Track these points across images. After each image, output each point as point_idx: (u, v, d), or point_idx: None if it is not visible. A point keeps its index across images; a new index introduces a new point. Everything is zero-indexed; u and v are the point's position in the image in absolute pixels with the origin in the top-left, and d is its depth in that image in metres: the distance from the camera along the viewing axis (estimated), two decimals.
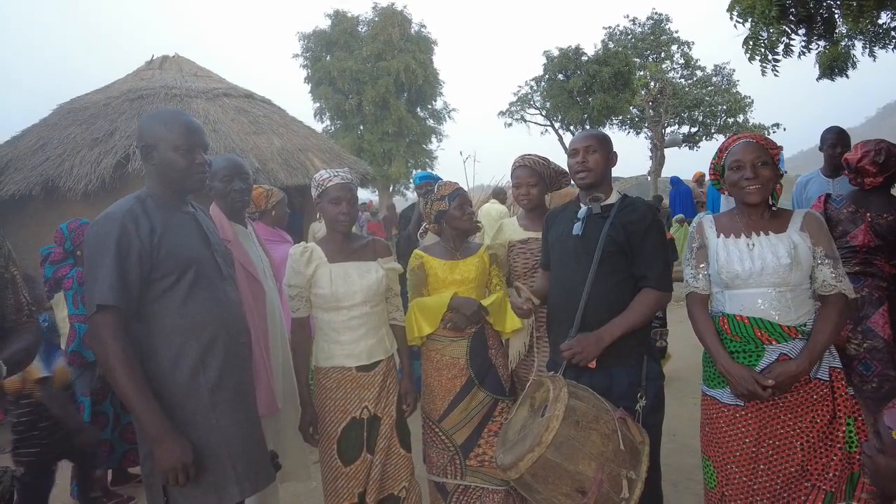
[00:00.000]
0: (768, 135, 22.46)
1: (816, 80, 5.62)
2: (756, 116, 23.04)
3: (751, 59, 4.48)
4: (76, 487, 3.27)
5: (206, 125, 6.40)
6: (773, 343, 1.87)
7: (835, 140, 3.66)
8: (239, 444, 1.83)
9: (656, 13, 24.09)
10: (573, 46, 21.18)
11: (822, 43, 4.83)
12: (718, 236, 2.02)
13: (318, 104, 23.40)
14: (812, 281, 1.91)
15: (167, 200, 1.84)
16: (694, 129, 23.08)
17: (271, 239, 3.52)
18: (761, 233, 1.95)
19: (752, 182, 1.91)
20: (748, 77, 24.96)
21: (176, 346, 1.75)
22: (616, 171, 2.68)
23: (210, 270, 1.86)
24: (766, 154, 1.93)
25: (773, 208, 1.99)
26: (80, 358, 3.28)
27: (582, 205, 2.25)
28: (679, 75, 23.92)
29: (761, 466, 1.88)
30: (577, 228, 2.19)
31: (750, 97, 22.78)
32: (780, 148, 2.00)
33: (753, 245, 1.93)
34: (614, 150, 2.28)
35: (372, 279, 2.38)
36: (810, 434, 1.86)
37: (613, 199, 2.23)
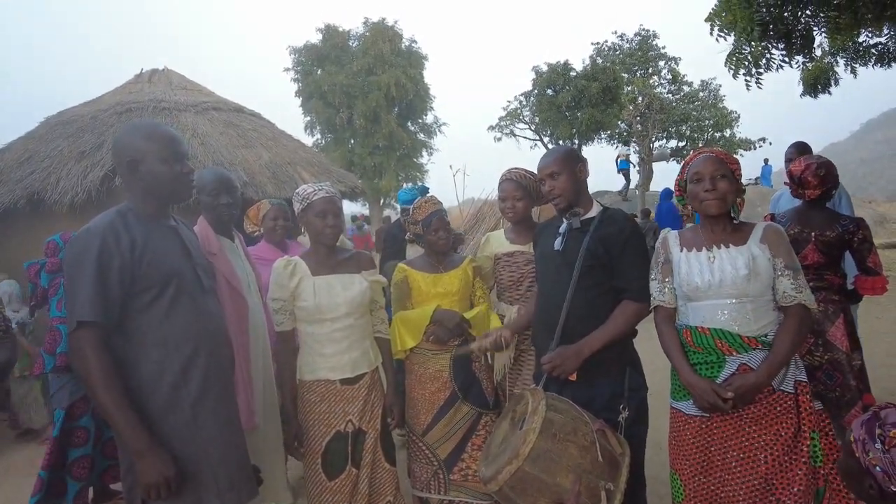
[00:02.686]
0: (755, 149, 22.82)
1: (800, 96, 5.74)
2: (743, 131, 23.43)
3: (734, 74, 4.57)
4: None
5: (195, 138, 6.41)
6: (734, 354, 1.89)
7: (790, 154, 3.79)
8: (221, 458, 1.82)
9: (644, 29, 24.46)
10: (562, 62, 21.42)
11: (801, 58, 4.94)
12: (682, 250, 2.04)
13: (308, 118, 23.45)
14: (773, 292, 1.93)
15: (149, 213, 1.84)
16: (682, 144, 23.35)
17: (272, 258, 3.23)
18: (722, 245, 1.98)
19: (710, 193, 1.95)
20: (734, 92, 25.46)
21: (157, 360, 1.74)
22: (604, 185, 2.71)
23: (191, 283, 1.85)
24: (724, 167, 1.97)
25: (736, 221, 2.03)
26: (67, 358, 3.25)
27: (564, 220, 2.28)
28: (666, 90, 24.23)
29: (727, 477, 1.89)
30: (557, 243, 2.21)
31: (736, 112, 23.15)
32: (738, 164, 2.04)
33: (714, 258, 1.96)
34: (581, 161, 2.27)
35: (356, 291, 2.37)
36: (774, 447, 1.86)
37: (594, 212, 2.25)
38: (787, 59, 4.61)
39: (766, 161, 19.54)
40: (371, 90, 22.01)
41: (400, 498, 2.47)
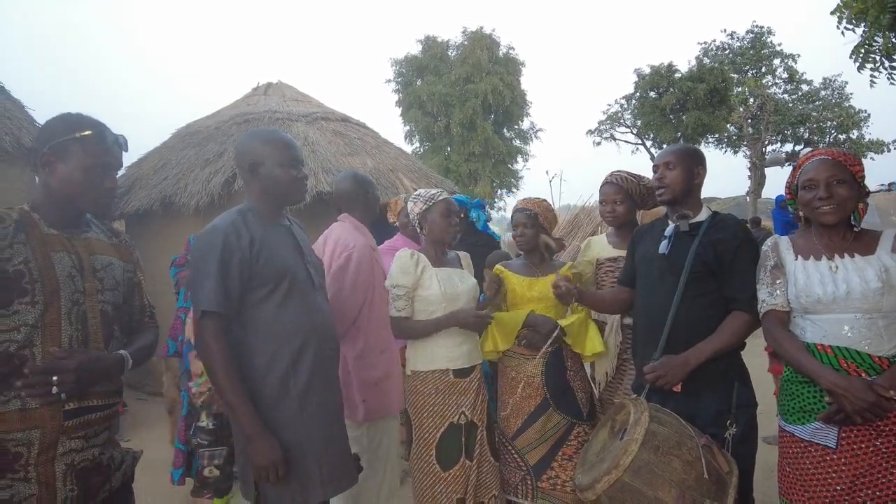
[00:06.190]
0: (888, 151, 20.64)
1: None
2: (873, 131, 21.28)
3: (860, 67, 4.19)
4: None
5: (306, 146, 6.77)
6: (863, 375, 1.68)
7: None
8: (324, 447, 1.91)
9: (757, 26, 22.89)
10: (665, 63, 20.57)
11: None
12: (796, 258, 1.87)
13: (408, 127, 24.12)
14: None
15: (266, 214, 1.98)
16: (799, 147, 21.61)
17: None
18: (845, 255, 1.79)
19: (825, 202, 1.77)
20: (863, 90, 23.17)
21: (270, 351, 1.85)
22: (712, 191, 2.58)
23: (303, 280, 1.96)
24: (843, 171, 1.78)
25: (856, 229, 1.83)
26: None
27: (669, 222, 2.20)
28: (782, 90, 22.55)
29: None
30: (663, 247, 2.13)
31: (865, 111, 21.07)
32: (862, 165, 1.84)
33: (837, 267, 1.77)
34: (702, 164, 2.18)
35: (470, 284, 2.51)
36: None
37: (703, 216, 2.15)
38: None
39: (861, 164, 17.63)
40: (468, 98, 22.25)
41: (500, 493, 2.50)
